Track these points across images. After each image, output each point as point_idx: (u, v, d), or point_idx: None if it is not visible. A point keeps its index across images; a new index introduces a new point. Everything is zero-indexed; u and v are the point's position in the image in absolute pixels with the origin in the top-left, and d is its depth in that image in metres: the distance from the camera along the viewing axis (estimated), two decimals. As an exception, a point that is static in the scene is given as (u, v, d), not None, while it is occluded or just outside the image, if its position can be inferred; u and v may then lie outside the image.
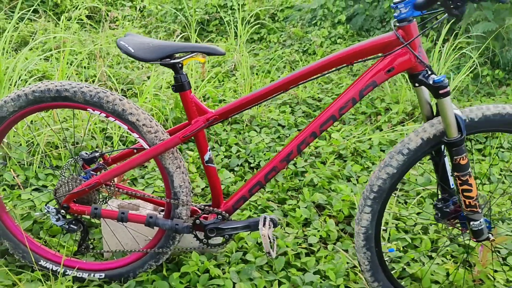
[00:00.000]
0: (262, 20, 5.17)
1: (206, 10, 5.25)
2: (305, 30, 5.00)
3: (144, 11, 5.77)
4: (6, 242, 1.66)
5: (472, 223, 1.41)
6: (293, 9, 5.50)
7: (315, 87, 3.63)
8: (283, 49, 4.66)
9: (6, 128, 1.53)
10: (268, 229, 1.44)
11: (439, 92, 1.28)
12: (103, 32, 4.53)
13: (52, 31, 4.34)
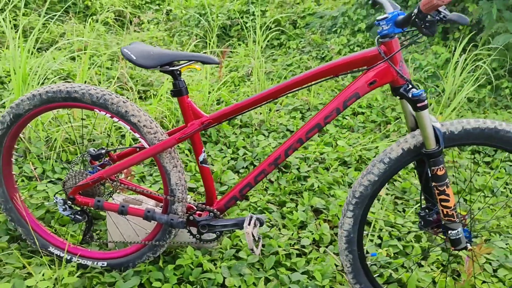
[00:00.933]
0: (283, 26, 5.26)
1: (228, 15, 5.39)
2: (325, 37, 5.07)
3: (170, 15, 5.95)
4: (20, 228, 1.81)
5: (450, 232, 1.47)
6: (315, 16, 5.58)
7: (327, 94, 3.70)
8: (301, 56, 4.75)
9: (22, 124, 1.67)
10: (253, 227, 1.53)
11: (417, 105, 1.35)
12: (127, 34, 4.72)
13: (79, 32, 4.56)
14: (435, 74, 4.13)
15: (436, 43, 4.80)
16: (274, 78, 4.17)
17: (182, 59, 1.50)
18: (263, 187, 2.45)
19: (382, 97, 3.53)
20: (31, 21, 4.85)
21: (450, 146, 1.45)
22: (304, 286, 1.71)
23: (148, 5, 6.30)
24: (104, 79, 3.48)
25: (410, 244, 2.04)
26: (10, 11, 4.84)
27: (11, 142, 1.71)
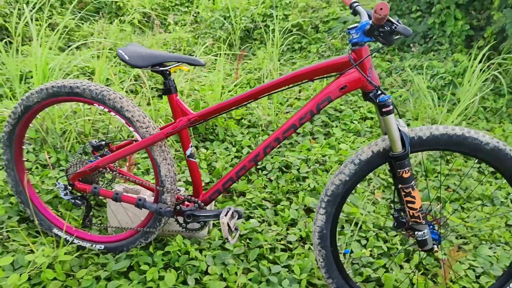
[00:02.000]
0: (305, 30, 5.34)
1: (252, 18, 5.51)
2: (345, 42, 5.11)
3: (197, 17, 6.14)
4: (28, 210, 1.99)
5: (416, 233, 1.53)
6: (338, 21, 5.62)
7: (339, 99, 3.76)
8: (321, 60, 4.81)
9: (32, 116, 1.85)
10: (229, 218, 1.64)
11: (383, 110, 1.43)
12: (153, 35, 4.92)
13: (108, 32, 4.79)
14: (453, 82, 4.11)
15: (459, 50, 4.77)
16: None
17: (171, 61, 1.63)
18: (261, 185, 2.56)
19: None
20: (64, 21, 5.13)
21: (419, 150, 1.51)
22: (282, 278, 1.81)
23: (178, 7, 6.51)
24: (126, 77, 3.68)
25: (395, 247, 2.10)
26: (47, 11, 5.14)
27: (22, 131, 1.88)
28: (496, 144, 1.45)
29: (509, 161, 1.46)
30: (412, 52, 4.92)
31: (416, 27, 5.11)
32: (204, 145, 2.96)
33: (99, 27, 4.91)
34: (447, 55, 4.73)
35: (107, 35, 4.70)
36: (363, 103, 3.66)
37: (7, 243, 1.87)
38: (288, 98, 3.79)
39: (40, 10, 5.13)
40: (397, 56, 4.83)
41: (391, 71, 4.48)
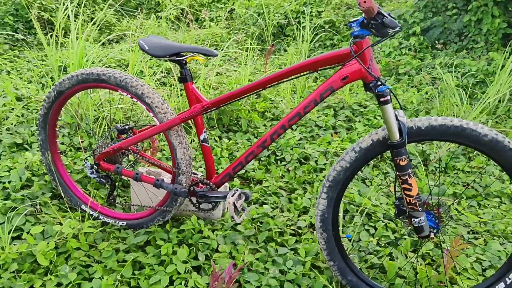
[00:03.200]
0: (337, 27, 5.38)
1: (285, 15, 5.60)
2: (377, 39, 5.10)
3: (233, 14, 6.28)
4: (60, 187, 2.18)
5: (413, 219, 1.59)
6: (372, 19, 5.61)
7: (363, 94, 3.79)
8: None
9: (64, 100, 2.03)
10: (236, 199, 1.75)
11: (380, 100, 1.50)
12: (188, 31, 5.10)
13: (145, 27, 5.01)
14: (484, 81, 4.06)
15: (495, 49, 4.68)
16: (318, 77, 4.34)
17: (187, 51, 1.75)
18: (279, 175, 2.66)
19: (417, 100, 3.56)
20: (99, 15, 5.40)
21: (417, 140, 1.56)
22: (287, 259, 1.90)
23: (214, 4, 6.68)
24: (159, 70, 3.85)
25: (403, 238, 2.14)
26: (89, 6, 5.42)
27: (55, 115, 2.07)
28: (495, 136, 1.49)
29: (508, 152, 1.49)
30: (446, 50, 4.86)
31: (451, 25, 5.04)
32: (228, 136, 3.09)
33: (137, 22, 5.14)
34: (482, 53, 4.65)
35: (144, 30, 4.92)
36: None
37: (39, 216, 2.06)
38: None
39: (84, 6, 5.42)
40: (429, 54, 4.79)
41: (421, 68, 4.45)
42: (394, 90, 3.92)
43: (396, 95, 1.48)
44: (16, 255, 1.77)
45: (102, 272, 1.75)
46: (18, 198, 2.12)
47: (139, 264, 1.85)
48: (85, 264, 1.82)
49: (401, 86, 4.07)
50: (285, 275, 1.83)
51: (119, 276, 1.75)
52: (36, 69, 3.73)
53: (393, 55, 4.74)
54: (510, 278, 1.64)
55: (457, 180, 2.72)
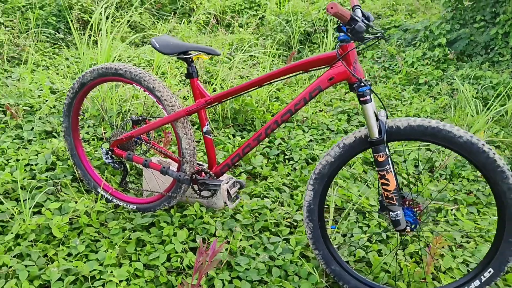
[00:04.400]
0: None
1: (313, 22, 5.73)
2: (402, 50, 5.17)
3: (263, 20, 6.47)
4: (79, 171, 2.40)
5: (390, 213, 1.70)
6: (399, 29, 5.67)
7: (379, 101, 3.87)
8: (373, 65, 4.92)
9: (86, 91, 2.25)
10: (230, 186, 1.91)
11: (361, 99, 1.62)
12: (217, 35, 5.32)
13: (178, 31, 5.27)
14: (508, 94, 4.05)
15: (521, 62, 4.65)
16: (338, 84, 4.45)
17: (193, 50, 1.93)
18: (285, 172, 2.79)
19: (431, 109, 3.61)
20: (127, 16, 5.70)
21: (398, 139, 1.68)
22: (277, 246, 2.04)
23: (246, 10, 6.89)
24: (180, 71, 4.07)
25: (395, 236, 2.24)
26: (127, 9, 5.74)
27: (78, 104, 2.29)
28: (469, 138, 1.58)
29: (481, 154, 1.58)
30: (471, 62, 4.86)
31: (478, 37, 5.04)
32: (241, 134, 3.25)
33: (170, 26, 5.41)
34: (507, 67, 4.63)
35: (175, 33, 5.17)
36: (403, 107, 3.75)
37: (59, 195, 2.28)
38: (332, 98, 3.98)
39: (122, 9, 5.74)
40: (453, 65, 4.81)
41: (442, 79, 4.48)
42: (411, 99, 3.99)
43: (378, 95, 1.58)
44: (34, 226, 1.99)
45: (107, 246, 1.94)
46: (42, 179, 2.35)
47: (142, 243, 2.03)
48: (94, 239, 2.02)
49: (419, 96, 4.12)
50: (274, 261, 1.97)
51: (122, 251, 1.94)
52: (72, 66, 4.03)
53: (416, 65, 4.79)
54: (485, 276, 1.72)
55: (461, 187, 2.78)
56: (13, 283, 1.72)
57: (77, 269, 1.79)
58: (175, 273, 1.88)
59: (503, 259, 1.66)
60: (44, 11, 5.02)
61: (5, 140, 2.73)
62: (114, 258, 1.87)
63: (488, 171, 1.60)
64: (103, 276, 1.77)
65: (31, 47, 4.22)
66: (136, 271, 1.83)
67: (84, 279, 1.78)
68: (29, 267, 1.80)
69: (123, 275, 1.78)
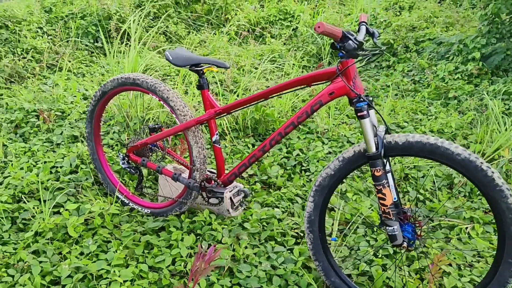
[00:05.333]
0: (395, 49, 5.42)
1: (345, 35, 5.73)
2: (434, 63, 5.08)
3: (296, 32, 6.53)
4: (100, 174, 2.53)
5: (387, 227, 1.71)
6: (433, 42, 5.58)
7: (404, 115, 3.83)
8: (403, 79, 4.87)
9: (107, 99, 2.38)
10: (234, 195, 1.97)
11: (358, 114, 1.65)
12: (247, 46, 5.43)
13: (211, 41, 5.41)
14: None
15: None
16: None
17: (204, 62, 2.02)
18: (300, 183, 2.82)
19: (457, 124, 3.54)
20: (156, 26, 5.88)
21: (396, 155, 1.69)
22: (281, 256, 2.07)
23: (281, 21, 6.97)
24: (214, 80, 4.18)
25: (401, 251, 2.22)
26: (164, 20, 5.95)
27: (100, 111, 2.42)
28: (467, 156, 1.58)
29: (479, 173, 1.57)
30: (506, 77, 4.72)
31: (515, 52, 4.88)
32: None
33: (203, 36, 5.56)
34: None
35: (207, 43, 5.32)
36: (428, 122, 3.70)
37: (79, 197, 2.42)
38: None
39: (158, 19, 5.96)
40: (487, 80, 4.68)
41: (473, 94, 4.38)
42: (438, 114, 3.92)
43: (379, 112, 1.60)
44: (52, 225, 2.12)
45: (117, 247, 2.04)
46: (65, 181, 2.50)
47: (151, 246, 2.12)
48: (107, 240, 2.13)
49: (447, 111, 4.04)
50: (275, 270, 2.01)
51: (131, 252, 2.03)
52: (106, 74, 4.23)
53: (447, 79, 4.70)
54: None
55: (479, 206, 2.71)
56: (26, 277, 1.84)
57: (87, 268, 1.89)
58: (178, 276, 1.96)
59: (502, 280, 1.63)
60: (85, 21, 5.29)
61: (36, 143, 2.92)
62: (122, 259, 1.97)
63: (486, 189, 1.58)
64: (110, 276, 1.87)
65: (68, 55, 4.46)
66: (141, 272, 1.92)
67: (92, 277, 1.88)
68: (43, 263, 1.92)
69: (128, 275, 1.87)
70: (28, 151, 2.81)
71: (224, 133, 3.30)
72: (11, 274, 1.89)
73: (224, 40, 5.31)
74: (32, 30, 4.63)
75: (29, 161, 2.68)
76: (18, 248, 2.04)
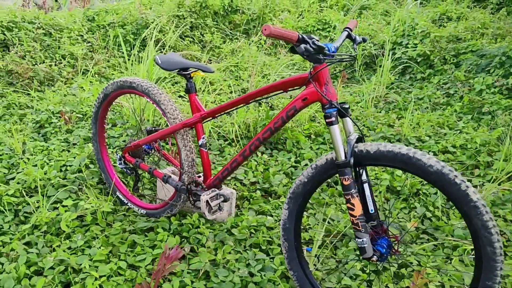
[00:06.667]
0: (432, 60, 5.22)
1: (382, 45, 5.60)
2: (472, 76, 4.84)
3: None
4: (103, 174, 2.62)
5: (357, 239, 1.64)
6: (475, 54, 5.33)
7: (428, 129, 3.67)
8: (437, 91, 4.67)
9: (109, 101, 2.47)
10: (212, 198, 1.97)
11: (326, 121, 1.60)
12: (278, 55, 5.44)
13: (242, 49, 5.48)
14: None
15: None
16: (392, 108, 4.30)
17: (191, 67, 2.05)
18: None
19: (482, 140, 3.34)
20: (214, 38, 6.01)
21: (367, 164, 1.62)
22: (261, 263, 2.04)
23: (319, 32, 6.93)
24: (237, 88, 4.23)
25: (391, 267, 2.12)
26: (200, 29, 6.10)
27: (104, 113, 2.52)
28: (440, 168, 1.49)
29: (453, 186, 1.47)
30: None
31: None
32: (271, 153, 3.29)
33: (235, 45, 5.64)
34: None
35: (238, 52, 5.39)
36: (451, 137, 3.52)
37: (81, 194, 2.51)
38: (379, 123, 3.85)
39: (196, 28, 6.11)
40: (528, 96, 4.39)
41: (510, 109, 4.11)
42: (465, 129, 3.71)
43: (355, 120, 1.54)
44: (48, 219, 2.22)
45: (101, 244, 2.10)
46: (71, 179, 2.61)
47: (136, 245, 2.17)
48: (96, 237, 2.20)
49: (478, 125, 3.83)
50: (252, 277, 1.98)
51: (116, 250, 2.08)
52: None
53: (484, 93, 4.45)
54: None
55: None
56: (13, 265, 1.94)
57: (69, 261, 1.96)
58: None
59: (478, 304, 1.51)
60: (124, 29, 5.53)
61: (54, 142, 3.07)
62: (105, 255, 2.02)
63: (461, 204, 1.48)
64: (89, 270, 1.93)
65: (103, 61, 4.67)
66: (119, 269, 1.96)
67: (73, 271, 1.95)
68: (30, 254, 2.01)
69: (105, 271, 1.91)
70: (45, 150, 2.97)
71: (232, 140, 3.32)
72: (1, 262, 2.00)
73: (253, 49, 5.35)
74: (72, 38, 4.90)
75: (43, 159, 2.82)
76: (14, 238, 2.15)
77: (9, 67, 3.83)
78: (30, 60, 4.12)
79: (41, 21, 4.81)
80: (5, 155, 2.85)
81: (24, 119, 3.44)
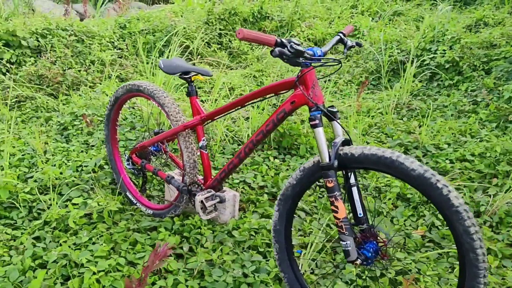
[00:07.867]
0: (460, 67, 5.08)
1: (408, 51, 5.50)
2: (502, 83, 4.67)
3: (361, 49, 6.40)
4: (114, 175, 2.72)
5: (341, 242, 1.63)
6: (507, 60, 5.14)
7: (449, 136, 3.57)
8: (464, 99, 4.54)
9: (120, 104, 2.56)
10: (207, 199, 2.01)
11: (311, 123, 1.61)
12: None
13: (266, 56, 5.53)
14: None
15: None
16: (414, 115, 4.22)
17: (191, 71, 2.11)
18: (311, 199, 2.77)
19: (503, 149, 3.22)
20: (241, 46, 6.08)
21: (352, 167, 1.62)
22: (257, 265, 2.06)
23: (349, 37, 6.88)
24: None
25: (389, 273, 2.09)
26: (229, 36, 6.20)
27: (115, 115, 2.62)
28: (422, 172, 1.47)
29: (434, 191, 1.45)
30: None
31: None
32: (284, 158, 3.31)
33: (261, 52, 5.70)
34: None
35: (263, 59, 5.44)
36: (470, 145, 3.41)
37: (91, 193, 2.62)
38: (398, 129, 3.79)
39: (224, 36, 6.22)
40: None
41: (539, 117, 3.94)
42: (488, 137, 3.59)
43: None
44: (58, 216, 2.33)
45: (104, 240, 2.19)
46: (85, 178, 2.73)
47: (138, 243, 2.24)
48: (101, 234, 2.29)
49: (503, 134, 3.69)
50: (246, 278, 2.00)
51: (118, 247, 2.16)
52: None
53: (512, 101, 4.29)
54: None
55: (504, 238, 2.45)
56: (20, 258, 2.05)
57: (71, 256, 2.06)
58: (152, 273, 2.04)
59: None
60: (154, 37, 5.71)
61: (74, 143, 3.22)
62: (106, 251, 2.10)
63: (443, 209, 1.46)
64: (88, 265, 2.01)
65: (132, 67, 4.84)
66: (118, 265, 2.03)
67: (75, 265, 2.04)
68: (37, 248, 2.12)
69: (104, 266, 1.99)
70: (65, 151, 3.11)
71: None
72: (11, 254, 2.12)
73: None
74: (103, 44, 5.10)
75: (62, 159, 2.96)
76: (24, 233, 2.27)
77: (40, 72, 4.04)
78: (61, 66, 4.33)
79: (75, 28, 5.04)
80: (27, 155, 3.01)
81: (50, 121, 3.62)
